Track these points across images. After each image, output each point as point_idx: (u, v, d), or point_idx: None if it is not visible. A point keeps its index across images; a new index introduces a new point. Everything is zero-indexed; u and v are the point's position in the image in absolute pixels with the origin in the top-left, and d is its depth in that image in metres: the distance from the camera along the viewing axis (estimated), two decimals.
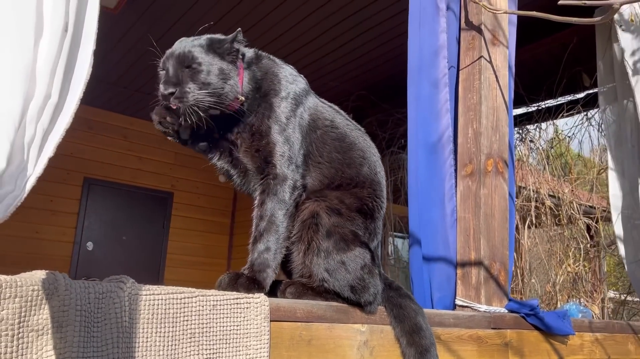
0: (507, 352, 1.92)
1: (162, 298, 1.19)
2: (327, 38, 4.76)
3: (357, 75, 5.42)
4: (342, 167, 1.64)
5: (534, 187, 4.14)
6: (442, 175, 2.07)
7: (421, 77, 2.14)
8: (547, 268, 4.16)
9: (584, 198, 4.75)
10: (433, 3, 2.18)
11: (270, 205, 1.49)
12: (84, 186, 6.28)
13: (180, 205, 6.88)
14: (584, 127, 4.46)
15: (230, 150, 1.59)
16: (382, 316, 1.61)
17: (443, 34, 2.15)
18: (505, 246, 2.10)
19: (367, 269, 1.53)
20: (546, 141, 4.57)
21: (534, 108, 4.73)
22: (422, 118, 2.12)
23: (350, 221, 1.56)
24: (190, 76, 1.44)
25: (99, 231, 6.32)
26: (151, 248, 6.60)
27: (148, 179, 6.63)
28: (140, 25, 4.63)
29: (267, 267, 1.45)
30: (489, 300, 1.98)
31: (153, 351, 1.14)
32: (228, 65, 1.50)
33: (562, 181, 4.32)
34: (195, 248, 6.90)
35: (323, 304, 1.49)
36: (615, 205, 3.53)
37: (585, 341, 2.25)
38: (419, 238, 2.10)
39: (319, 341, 1.45)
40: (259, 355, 1.31)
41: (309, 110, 1.66)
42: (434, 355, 1.55)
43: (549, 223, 4.18)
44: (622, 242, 3.50)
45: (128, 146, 6.59)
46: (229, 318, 1.29)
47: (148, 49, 5.23)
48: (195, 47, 1.49)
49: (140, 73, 5.53)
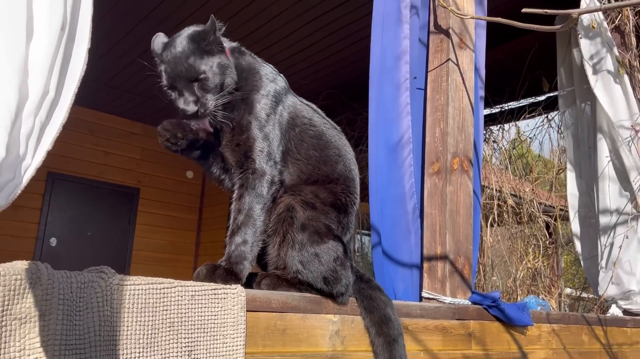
0: (470, 342, 2.02)
1: (143, 288, 1.22)
2: (296, 37, 4.81)
3: (326, 74, 5.49)
4: (319, 163, 1.70)
5: (496, 186, 4.29)
6: (402, 174, 2.15)
7: (383, 81, 2.22)
8: (509, 264, 4.32)
9: (543, 198, 4.95)
10: (397, 9, 2.25)
11: (248, 199, 1.53)
12: (48, 181, 6.16)
13: (147, 201, 6.82)
14: (545, 129, 4.64)
15: (221, 156, 1.64)
16: (353, 307, 1.67)
17: (406, 39, 2.24)
18: (469, 241, 2.19)
19: (340, 261, 1.59)
20: (509, 142, 4.74)
21: (498, 109, 4.89)
22: (383, 119, 2.20)
23: (325, 215, 1.61)
24: (202, 87, 1.51)
25: (63, 227, 6.20)
26: (117, 245, 6.52)
27: (114, 174, 6.55)
28: (110, 18, 4.58)
29: (244, 259, 1.49)
30: (454, 293, 2.07)
31: (133, 339, 1.17)
32: (220, 57, 1.56)
33: (523, 180, 4.48)
34: (162, 245, 6.85)
35: (297, 296, 1.54)
36: (573, 204, 3.70)
37: (543, 332, 2.37)
38: (380, 233, 2.18)
39: (292, 331, 1.50)
40: (235, 344, 1.35)
41: (288, 108, 1.71)
42: (401, 345, 1.62)
43: (511, 221, 4.34)
44: (578, 239, 3.67)
45: (95, 141, 6.49)
46: (207, 308, 1.33)
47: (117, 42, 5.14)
48: (189, 57, 1.51)
49: (108, 66, 5.46)
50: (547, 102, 4.46)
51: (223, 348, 1.33)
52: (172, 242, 6.93)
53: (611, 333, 2.77)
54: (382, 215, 2.18)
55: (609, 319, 2.83)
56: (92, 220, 6.39)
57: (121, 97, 6.20)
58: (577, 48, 3.74)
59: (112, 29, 4.73)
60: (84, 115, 6.44)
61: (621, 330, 2.88)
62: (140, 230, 6.72)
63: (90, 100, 6.29)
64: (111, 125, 6.47)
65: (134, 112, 6.61)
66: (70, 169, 6.29)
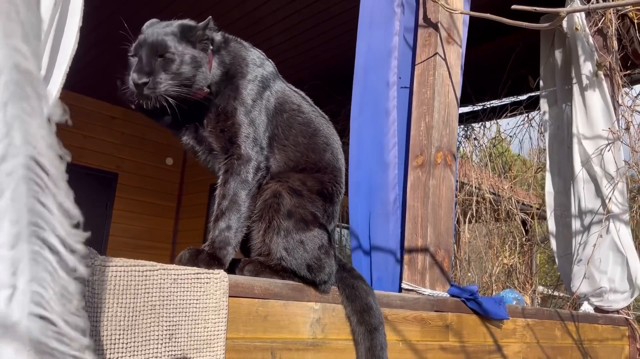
0: (448, 333, 2.04)
1: (125, 270, 1.21)
2: (282, 27, 4.78)
3: (312, 65, 5.46)
4: (307, 151, 1.69)
5: (476, 183, 4.34)
6: (387, 165, 2.16)
7: (371, 76, 2.23)
8: (485, 260, 4.38)
9: (521, 196, 5.02)
10: (388, 7, 2.26)
11: (233, 185, 1.52)
12: None
13: (125, 186, 6.73)
14: (525, 128, 4.70)
15: (196, 127, 1.60)
16: (334, 296, 1.68)
17: (396, 36, 2.24)
18: (450, 235, 2.22)
19: (324, 249, 1.60)
20: (489, 139, 4.79)
21: (480, 107, 4.94)
22: (371, 113, 2.20)
23: (311, 202, 1.61)
24: (163, 66, 1.46)
25: None
26: (93, 230, 6.32)
27: (92, 159, 6.44)
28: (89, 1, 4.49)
29: (228, 245, 1.48)
30: (433, 285, 2.09)
31: (114, 321, 1.16)
32: (199, 53, 1.52)
33: (502, 178, 4.54)
34: (140, 231, 6.77)
35: (279, 283, 1.54)
36: (550, 203, 3.77)
37: (518, 326, 2.41)
38: (359, 224, 2.19)
39: (274, 318, 1.50)
40: (216, 328, 1.35)
41: (276, 93, 1.70)
42: (382, 333, 1.63)
43: (488, 218, 4.40)
44: (554, 237, 3.74)
45: (73, 123, 6.37)
46: (189, 291, 1.32)
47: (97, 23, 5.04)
48: (168, 35, 1.49)
49: (88, 48, 5.35)
50: (528, 101, 4.52)
51: (204, 332, 1.32)
52: (149, 229, 6.86)
53: (583, 329, 2.84)
54: (366, 204, 2.19)
55: (581, 316, 2.90)
56: None
57: (103, 80, 6.09)
58: (560, 49, 3.80)
59: (95, 10, 4.63)
60: (62, 98, 6.30)
61: (592, 326, 2.95)
62: (118, 216, 6.63)
63: (68, 83, 6.16)
64: (91, 109, 6.35)
65: (116, 96, 6.50)
66: None
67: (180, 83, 1.47)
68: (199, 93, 1.54)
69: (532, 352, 2.46)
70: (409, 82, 2.35)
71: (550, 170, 3.79)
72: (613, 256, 3.25)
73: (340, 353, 1.65)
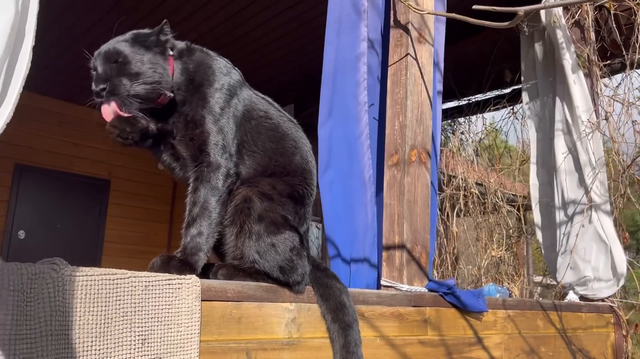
0: (426, 327, 2.09)
1: (95, 279, 1.25)
2: (267, 28, 4.81)
3: (298, 65, 5.51)
4: (276, 155, 1.73)
5: (462, 177, 4.38)
6: (362, 166, 2.20)
7: (340, 81, 2.28)
8: (475, 253, 4.42)
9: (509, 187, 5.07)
10: (356, 13, 2.30)
11: (204, 192, 1.56)
12: (15, 173, 6.07)
13: (118, 192, 6.77)
14: (510, 121, 4.75)
15: (172, 145, 1.64)
16: (309, 296, 1.72)
17: (364, 41, 2.29)
18: (426, 231, 2.26)
19: (296, 251, 1.64)
20: (475, 133, 4.84)
21: (465, 102, 4.98)
22: (341, 116, 2.25)
23: (281, 206, 1.65)
24: (118, 70, 1.49)
25: (32, 220, 6.12)
26: (88, 237, 6.47)
27: (84, 166, 6.47)
28: (75, 9, 4.52)
29: (199, 251, 1.52)
30: (411, 280, 2.13)
31: (86, 329, 1.20)
32: (155, 56, 1.55)
33: (489, 171, 4.59)
34: (134, 237, 6.81)
35: (253, 285, 1.58)
36: (535, 195, 3.81)
37: (499, 318, 2.46)
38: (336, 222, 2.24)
39: (248, 319, 1.55)
40: (190, 332, 1.39)
41: (244, 101, 1.74)
42: (355, 330, 1.68)
43: (477, 211, 4.44)
44: (539, 229, 3.79)
45: (63, 132, 6.40)
46: (161, 297, 1.36)
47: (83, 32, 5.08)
48: (119, 42, 1.54)
49: (76, 57, 5.38)
50: (511, 94, 4.56)
51: (177, 336, 1.37)
52: (144, 234, 6.90)
53: (566, 318, 2.88)
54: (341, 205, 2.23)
55: (564, 305, 2.95)
56: (62, 212, 6.32)
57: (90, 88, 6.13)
58: (540, 42, 3.84)
59: (80, 19, 4.67)
60: (52, 106, 6.34)
61: (576, 315, 3.00)
62: (112, 222, 6.67)
63: (59, 91, 6.20)
64: (81, 116, 6.38)
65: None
66: (38, 161, 6.21)
67: (141, 83, 1.51)
68: (162, 99, 1.57)
69: (514, 342, 2.50)
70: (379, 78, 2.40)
71: (535, 162, 3.84)
72: (596, 246, 3.29)
73: (316, 351, 1.70)
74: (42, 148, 6.24)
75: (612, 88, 3.97)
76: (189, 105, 1.62)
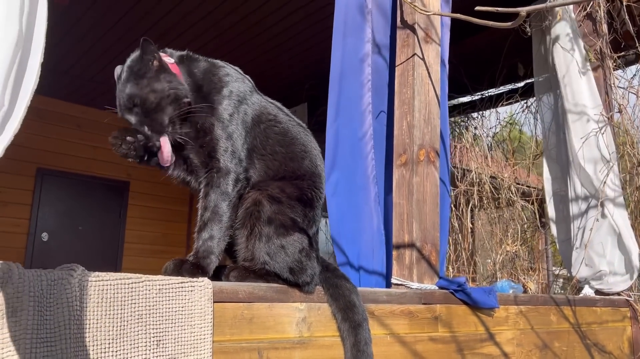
0: (437, 324, 2.12)
1: (111, 283, 1.31)
2: (280, 28, 4.86)
3: (309, 64, 5.54)
4: (285, 159, 1.78)
5: (476, 172, 4.38)
6: (366, 166, 2.24)
7: (345, 82, 2.31)
8: (489, 248, 4.42)
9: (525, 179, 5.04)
10: (361, 15, 2.33)
11: (214, 197, 1.61)
12: (37, 177, 6.22)
13: (137, 193, 6.89)
14: (524, 115, 4.73)
15: (184, 159, 1.69)
16: (319, 295, 1.76)
17: (369, 43, 2.32)
18: (436, 229, 2.28)
19: (305, 253, 1.68)
20: (488, 128, 4.83)
21: (478, 96, 4.97)
22: (346, 117, 2.28)
23: (290, 208, 1.69)
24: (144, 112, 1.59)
25: (54, 222, 6.27)
26: (108, 238, 6.60)
27: (103, 168, 6.60)
28: (91, 15, 4.61)
29: (211, 254, 1.58)
30: (421, 278, 2.16)
31: (103, 331, 1.26)
32: (157, 75, 1.60)
33: (504, 165, 4.58)
34: (153, 237, 6.93)
35: (264, 286, 1.63)
36: (548, 189, 3.80)
37: (511, 314, 2.47)
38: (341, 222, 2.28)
39: (259, 319, 1.59)
40: (203, 332, 1.44)
41: (253, 106, 1.78)
42: (365, 329, 1.71)
43: (491, 206, 4.44)
44: (554, 223, 3.78)
45: (82, 135, 6.53)
46: (174, 300, 1.41)
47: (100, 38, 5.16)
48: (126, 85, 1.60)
49: (92, 62, 5.49)
50: (524, 88, 4.54)
51: (191, 337, 1.42)
52: (163, 234, 7.02)
53: (580, 313, 2.88)
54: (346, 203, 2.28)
55: (578, 300, 2.95)
56: (83, 214, 6.46)
57: (108, 91, 6.25)
58: (551, 36, 3.82)
59: (95, 24, 4.76)
60: (70, 111, 6.48)
61: (591, 310, 2.99)
62: (131, 222, 6.80)
63: (77, 96, 6.33)
64: (98, 120, 6.49)
65: None
66: (59, 164, 6.35)
67: (169, 104, 1.58)
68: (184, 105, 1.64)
69: (527, 338, 2.52)
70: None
71: (547, 156, 3.83)
72: (611, 240, 3.28)
73: (327, 349, 1.74)
74: (62, 152, 6.39)
75: (627, 80, 3.94)
76: (199, 114, 1.66)
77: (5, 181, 5.89)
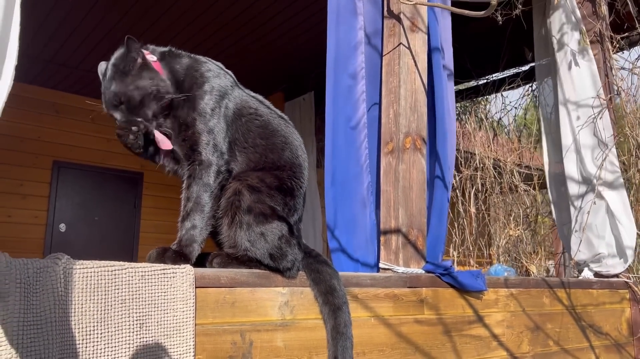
0: (423, 307, 2.18)
1: (95, 270, 1.40)
2: (282, 18, 4.90)
3: (316, 53, 5.57)
4: (266, 151, 1.85)
5: (479, 157, 4.40)
6: (359, 155, 2.29)
7: (339, 70, 2.34)
8: (494, 232, 4.45)
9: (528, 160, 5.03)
10: (352, 3, 2.36)
11: (196, 188, 1.70)
12: (54, 170, 6.40)
13: (151, 184, 7.04)
14: (529, 98, 4.71)
15: (172, 151, 1.78)
16: (302, 280, 1.84)
17: (361, 30, 2.35)
18: (422, 215, 2.34)
19: (285, 239, 1.76)
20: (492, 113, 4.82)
21: (483, 81, 4.96)
22: (341, 106, 2.33)
23: (270, 197, 1.77)
24: (129, 109, 1.68)
25: (71, 213, 6.47)
26: (124, 228, 6.78)
27: (117, 160, 6.76)
28: (97, 11, 4.72)
29: (194, 242, 1.66)
30: (407, 263, 2.22)
31: (87, 315, 1.36)
32: (140, 72, 1.68)
33: (507, 150, 4.58)
34: (168, 226, 7.06)
35: (245, 272, 1.71)
36: (549, 172, 3.81)
37: (501, 296, 2.52)
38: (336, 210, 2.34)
39: (242, 303, 1.68)
40: (185, 316, 1.53)
41: (234, 100, 1.85)
42: (345, 312, 1.79)
43: (495, 191, 4.46)
44: (555, 206, 3.79)
45: (96, 128, 6.68)
46: (157, 286, 1.50)
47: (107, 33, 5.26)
48: (111, 83, 1.68)
49: (102, 57, 5.60)
50: (526, 72, 4.52)
51: (173, 321, 1.51)
52: (177, 223, 7.16)
53: (575, 295, 2.92)
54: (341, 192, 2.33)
55: (573, 282, 2.98)
56: (99, 205, 6.64)
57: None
58: (551, 19, 3.80)
59: (101, 20, 4.87)
60: (84, 104, 6.63)
61: (586, 292, 3.02)
62: (146, 212, 6.96)
63: (90, 89, 6.47)
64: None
65: None
66: (74, 157, 6.53)
67: (153, 100, 1.66)
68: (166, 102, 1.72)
69: (517, 320, 2.57)
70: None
71: (547, 140, 3.83)
72: (610, 222, 3.29)
73: (310, 331, 1.82)
74: (78, 145, 6.56)
75: (631, 61, 3.90)
76: (181, 109, 1.74)
77: (24, 174, 6.10)
